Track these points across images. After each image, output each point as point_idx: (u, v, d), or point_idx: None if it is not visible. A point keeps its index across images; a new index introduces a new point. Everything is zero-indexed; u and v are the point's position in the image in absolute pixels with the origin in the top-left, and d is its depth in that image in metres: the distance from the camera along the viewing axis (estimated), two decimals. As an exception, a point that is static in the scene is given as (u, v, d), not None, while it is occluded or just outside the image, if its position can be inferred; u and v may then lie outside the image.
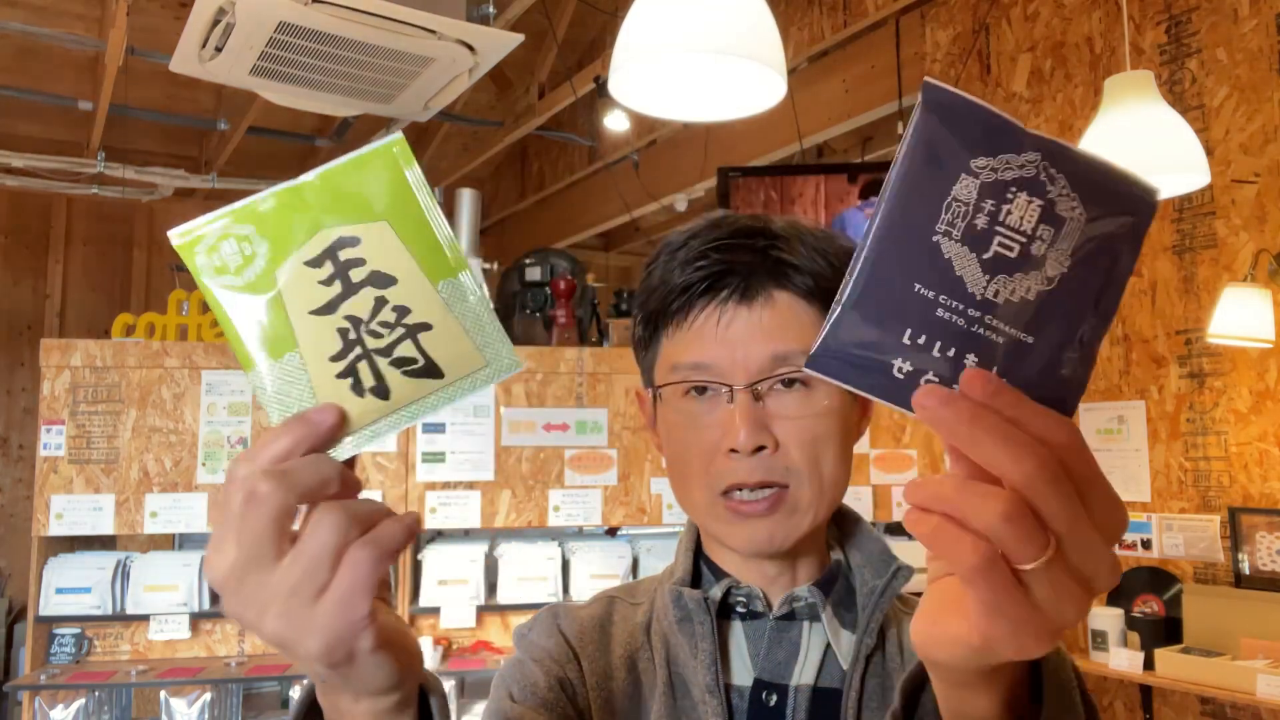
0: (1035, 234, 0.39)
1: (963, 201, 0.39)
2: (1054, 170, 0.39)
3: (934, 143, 0.39)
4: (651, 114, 1.62)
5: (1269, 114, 2.86)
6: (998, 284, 0.39)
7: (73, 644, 2.76)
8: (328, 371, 0.46)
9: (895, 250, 0.39)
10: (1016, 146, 0.39)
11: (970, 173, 0.39)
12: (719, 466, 0.74)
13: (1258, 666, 2.59)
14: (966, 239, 0.39)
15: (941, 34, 3.92)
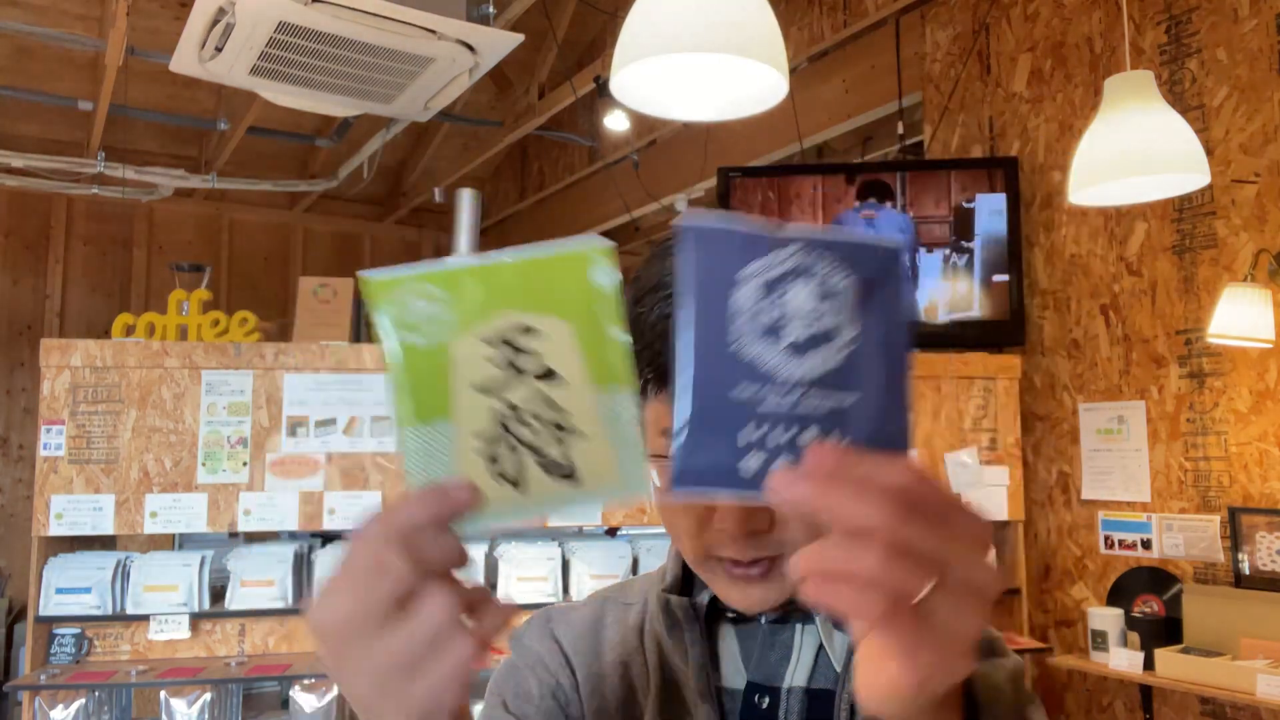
0: (820, 311, 0.44)
1: (746, 308, 0.44)
2: (816, 254, 0.45)
3: (703, 269, 0.44)
4: (651, 114, 1.62)
5: (1269, 114, 2.86)
6: (806, 363, 0.44)
7: (73, 644, 2.76)
8: (472, 448, 0.47)
9: (706, 369, 0.44)
10: (778, 244, 0.44)
11: (743, 282, 0.44)
12: (710, 538, 0.71)
13: (1258, 666, 2.59)
14: (764, 336, 0.44)
15: (941, 34, 3.92)
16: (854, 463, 0.42)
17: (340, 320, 3.12)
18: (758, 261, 0.44)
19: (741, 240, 0.44)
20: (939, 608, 0.41)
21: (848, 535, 0.41)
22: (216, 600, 2.89)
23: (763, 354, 0.44)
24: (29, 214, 6.09)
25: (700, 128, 5.00)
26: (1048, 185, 3.49)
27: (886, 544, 0.40)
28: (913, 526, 0.40)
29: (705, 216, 0.45)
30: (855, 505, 0.41)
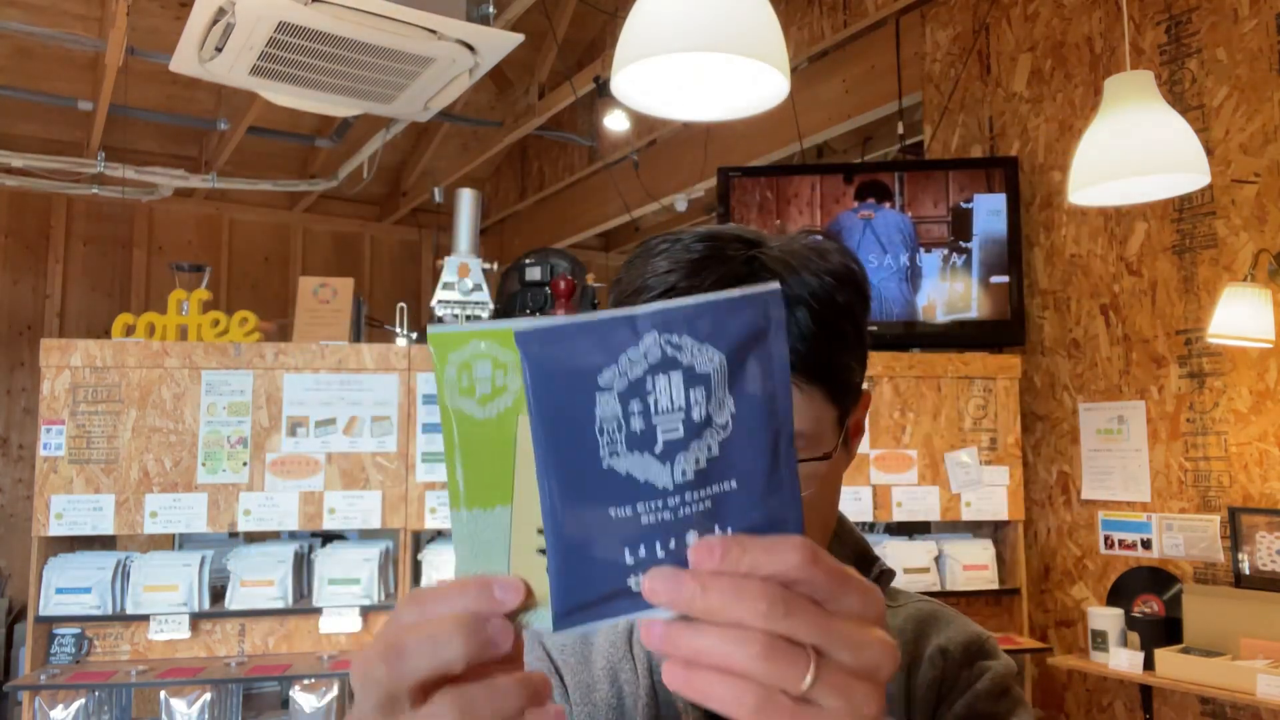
0: (690, 402, 0.40)
1: (610, 418, 0.40)
2: (675, 337, 0.40)
3: (554, 385, 0.39)
4: (651, 114, 1.62)
5: (1269, 114, 2.86)
6: (681, 464, 0.40)
7: (73, 644, 2.76)
8: (531, 542, 0.42)
9: (575, 492, 0.40)
10: (631, 338, 0.40)
11: (602, 389, 0.40)
12: None
13: (1258, 666, 2.59)
14: (632, 446, 0.40)
15: (941, 34, 3.92)
16: (740, 551, 0.39)
17: (340, 320, 3.12)
18: (619, 360, 0.40)
19: (598, 336, 0.40)
20: (826, 696, 0.39)
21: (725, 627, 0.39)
22: (216, 600, 2.89)
23: (635, 465, 0.40)
24: (29, 214, 6.09)
25: (700, 128, 5.00)
26: (1048, 185, 3.49)
27: (765, 637, 0.38)
28: (794, 619, 0.39)
29: (543, 323, 0.40)
30: (733, 602, 0.38)
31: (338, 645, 2.89)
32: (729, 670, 0.39)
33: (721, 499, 0.41)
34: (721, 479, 0.41)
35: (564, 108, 4.78)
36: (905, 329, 3.45)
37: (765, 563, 0.39)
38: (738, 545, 0.39)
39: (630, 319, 0.40)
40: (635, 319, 0.40)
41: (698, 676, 0.39)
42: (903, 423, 3.23)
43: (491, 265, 3.13)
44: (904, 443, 3.22)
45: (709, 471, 0.41)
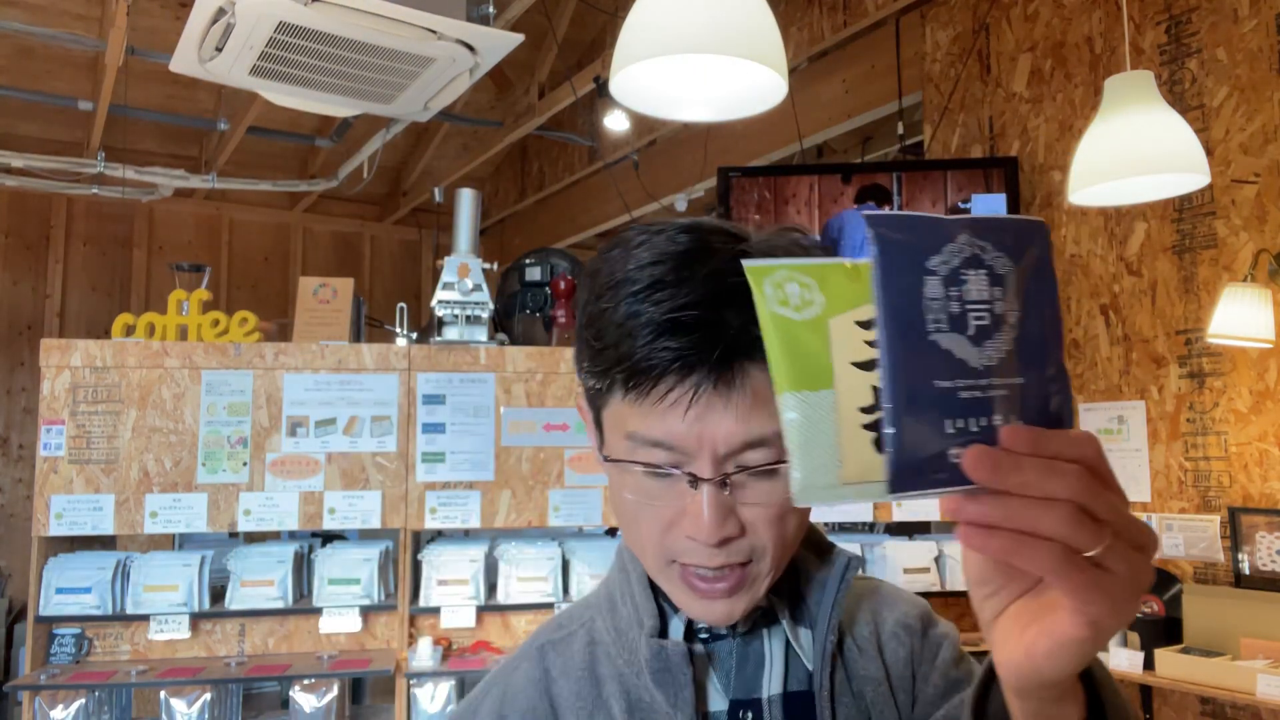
0: (993, 297, 0.47)
1: (935, 298, 0.46)
2: (980, 241, 0.47)
3: (896, 263, 0.46)
4: (651, 114, 1.62)
5: (1269, 114, 2.86)
6: (988, 350, 0.47)
7: (73, 644, 2.76)
8: (855, 419, 0.48)
9: (908, 363, 0.46)
10: (950, 235, 0.47)
11: (930, 272, 0.46)
12: (675, 544, 0.69)
13: (1258, 666, 2.59)
14: (952, 326, 0.46)
15: (941, 34, 3.92)
16: (1046, 440, 0.45)
17: (340, 320, 3.12)
18: (939, 253, 0.47)
19: (926, 230, 0.47)
20: (1113, 561, 0.45)
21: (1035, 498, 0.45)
22: (216, 600, 2.89)
23: (954, 343, 0.46)
24: (29, 214, 6.09)
25: (700, 128, 5.00)
26: (1048, 185, 3.49)
27: (1074, 506, 0.44)
28: (1097, 495, 0.45)
29: (887, 212, 0.47)
30: (1050, 479, 0.44)
31: (338, 645, 2.89)
32: (1035, 533, 0.44)
33: (1015, 390, 0.47)
34: (1013, 373, 0.47)
35: (564, 108, 4.78)
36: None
37: (1069, 450, 0.46)
38: (1045, 435, 0.46)
39: (945, 220, 0.47)
40: (949, 220, 0.47)
41: (1000, 537, 0.45)
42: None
43: (491, 265, 3.13)
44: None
45: (1006, 363, 0.47)
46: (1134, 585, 0.46)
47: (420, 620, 2.94)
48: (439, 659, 2.82)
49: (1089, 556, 0.45)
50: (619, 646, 0.77)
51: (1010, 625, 0.50)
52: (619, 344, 0.68)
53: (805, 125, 4.41)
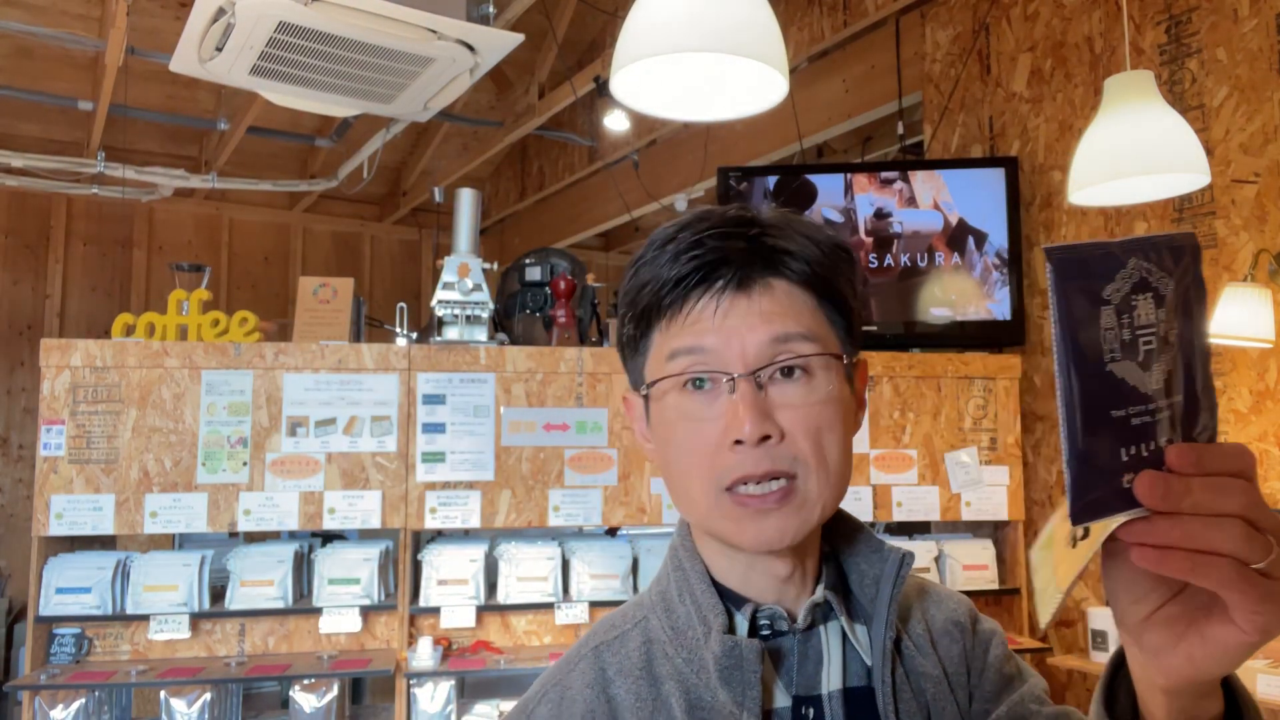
0: (1157, 319, 0.48)
1: (1110, 327, 0.47)
2: (1146, 264, 0.48)
3: (1075, 297, 0.47)
4: (651, 114, 1.62)
5: (1269, 114, 2.86)
6: (1155, 373, 0.48)
7: (73, 644, 2.76)
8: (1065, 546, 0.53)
9: (1088, 396, 0.47)
10: (1120, 262, 0.48)
11: (1104, 302, 0.47)
12: (723, 461, 0.71)
13: (1258, 666, 2.59)
14: (1125, 354, 0.48)
15: (941, 34, 3.92)
16: (1207, 459, 0.47)
17: (340, 320, 3.12)
18: (1111, 281, 0.47)
19: (1100, 258, 0.47)
20: (1276, 568, 0.47)
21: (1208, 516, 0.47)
22: (216, 600, 2.89)
23: (1128, 371, 0.48)
24: (29, 214, 6.09)
25: (700, 128, 5.00)
26: (1048, 185, 3.49)
27: (1244, 523, 0.47)
28: (1261, 508, 0.47)
29: (1067, 245, 0.48)
30: (1218, 498, 0.47)
31: (338, 645, 2.89)
32: (1213, 549, 0.47)
33: (1175, 409, 0.49)
34: (1174, 392, 0.49)
35: (564, 108, 4.78)
36: (905, 329, 3.45)
37: (1230, 464, 0.48)
38: (1207, 453, 0.48)
39: (1114, 244, 0.48)
40: (1118, 244, 0.48)
41: (1176, 557, 0.47)
42: (903, 423, 3.23)
43: (491, 265, 3.13)
44: (904, 443, 3.22)
45: (1169, 383, 0.48)
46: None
47: (420, 620, 2.94)
48: (439, 659, 2.82)
49: (1258, 568, 0.47)
50: (676, 646, 0.77)
51: (1165, 631, 0.53)
52: (653, 281, 0.75)
53: (805, 125, 4.41)
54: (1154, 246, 0.48)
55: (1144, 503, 0.47)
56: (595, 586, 3.00)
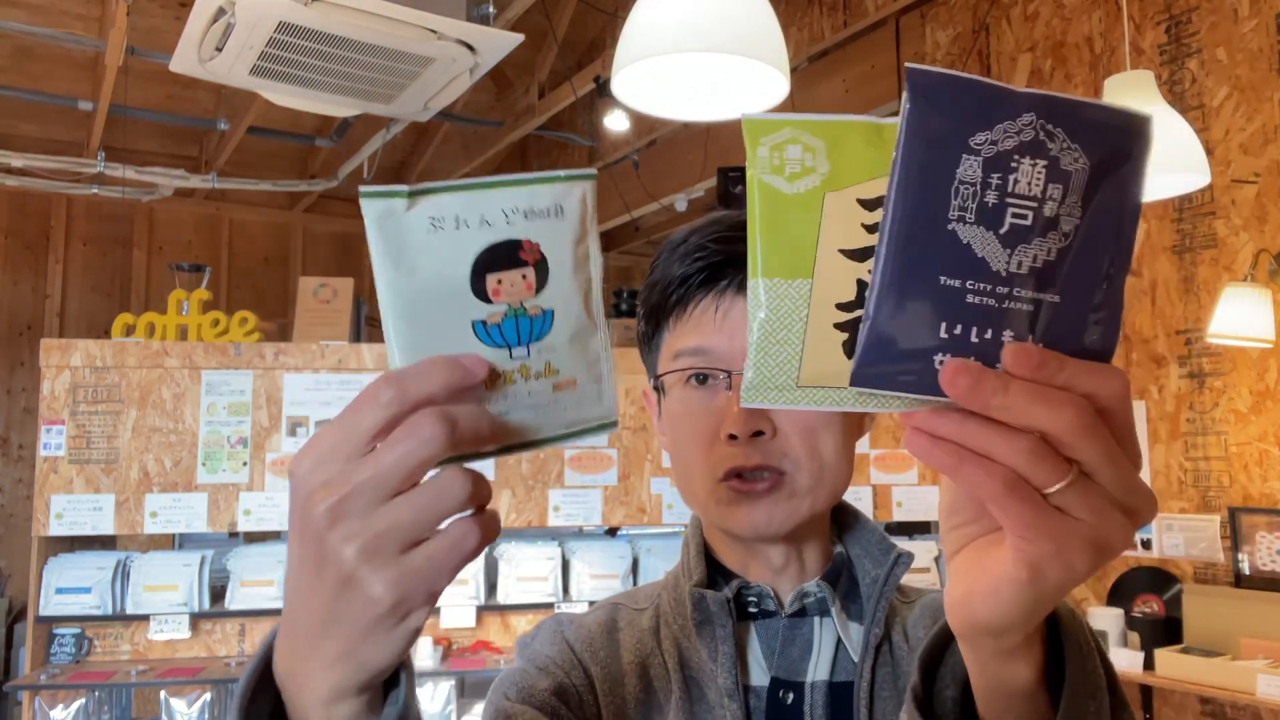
0: (1045, 195, 0.39)
1: (969, 182, 0.39)
2: (1051, 126, 0.39)
3: (929, 130, 0.38)
4: (651, 114, 1.62)
5: (1269, 114, 2.86)
6: (1019, 255, 0.39)
7: (73, 644, 2.76)
8: (828, 317, 0.43)
9: (913, 248, 0.39)
10: (1011, 112, 0.38)
11: (971, 151, 0.38)
12: (718, 453, 0.75)
13: (1258, 666, 2.59)
14: (981, 219, 0.39)
15: (941, 34, 3.92)
16: (1059, 367, 0.39)
17: (340, 320, 3.12)
18: (989, 130, 0.38)
19: (982, 97, 0.38)
20: (1075, 504, 0.40)
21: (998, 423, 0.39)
22: (216, 600, 2.89)
23: (978, 239, 0.39)
24: (29, 214, 6.09)
25: (700, 128, 5.00)
26: (1048, 185, 3.50)
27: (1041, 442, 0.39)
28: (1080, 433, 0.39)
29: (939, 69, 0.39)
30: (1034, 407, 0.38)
31: (338, 645, 2.89)
32: (988, 454, 0.39)
33: (1041, 307, 0.40)
34: (1048, 287, 0.40)
35: (564, 108, 4.78)
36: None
37: (1083, 381, 0.39)
38: (1056, 359, 0.39)
39: (1014, 91, 0.39)
40: (1020, 93, 0.39)
41: (944, 449, 0.40)
42: (903, 422, 3.23)
43: (491, 265, 3.13)
44: (904, 442, 3.22)
45: (1039, 274, 0.40)
46: (1095, 540, 0.40)
47: (420, 620, 2.94)
48: (439, 659, 2.82)
49: (1047, 495, 0.39)
50: (675, 614, 0.81)
51: (963, 560, 0.47)
52: (662, 280, 0.79)
53: (805, 125, 4.41)
54: (1072, 112, 0.39)
55: (945, 390, 0.39)
56: (595, 586, 3.00)
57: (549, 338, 0.47)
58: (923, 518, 3.23)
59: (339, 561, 0.43)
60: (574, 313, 0.48)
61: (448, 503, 0.43)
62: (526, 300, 0.47)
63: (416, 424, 0.42)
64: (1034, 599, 0.43)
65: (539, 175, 0.48)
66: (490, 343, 0.46)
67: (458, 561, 0.44)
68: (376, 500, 0.42)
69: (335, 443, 0.44)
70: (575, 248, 0.48)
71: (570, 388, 0.48)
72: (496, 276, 0.46)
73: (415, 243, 0.45)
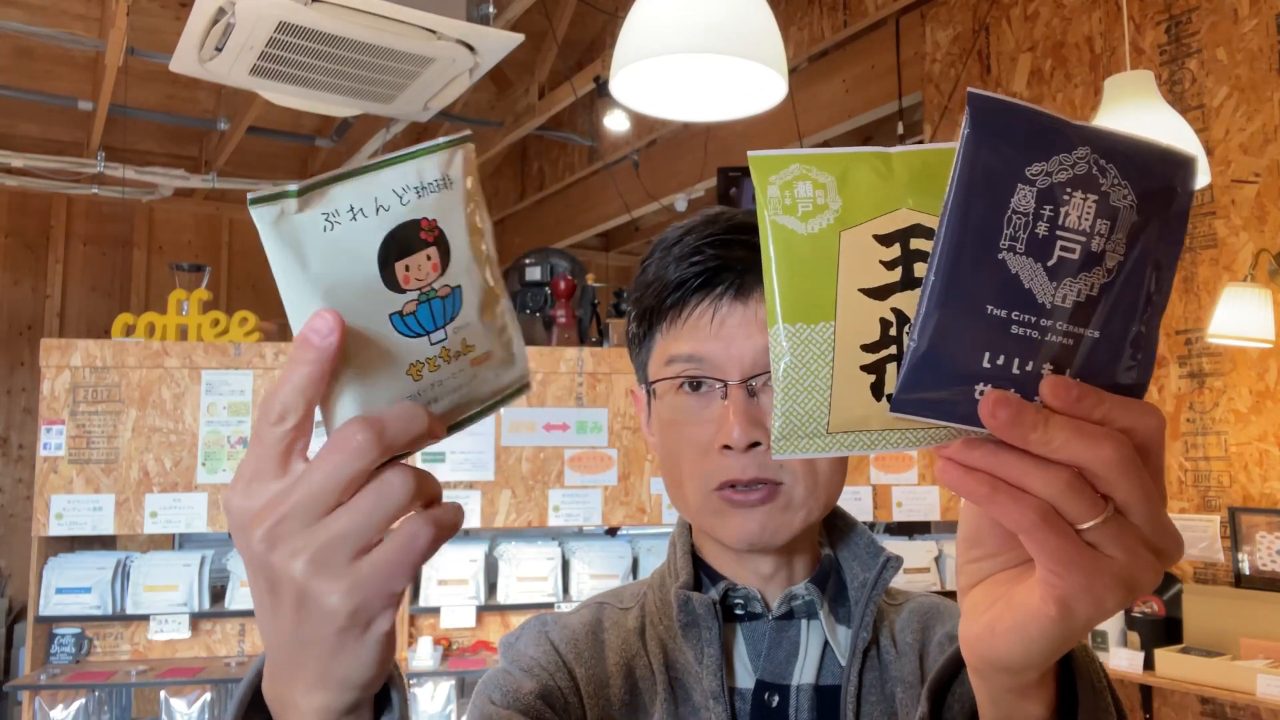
0: (1094, 230, 0.39)
1: (1022, 212, 0.39)
2: (1103, 161, 0.39)
3: (987, 157, 0.38)
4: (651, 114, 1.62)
5: (1269, 114, 2.86)
6: (1064, 288, 0.39)
7: (73, 644, 2.76)
8: (854, 360, 0.41)
9: (964, 275, 0.39)
10: (1067, 145, 0.39)
11: (1026, 181, 0.38)
12: (712, 463, 0.74)
13: (1258, 666, 2.59)
14: (1030, 250, 0.39)
15: (941, 34, 3.92)
16: (1097, 401, 0.39)
17: (340, 320, 3.11)
18: (1045, 161, 0.38)
19: (1039, 128, 0.38)
20: (1107, 542, 0.39)
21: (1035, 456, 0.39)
22: (216, 600, 2.89)
23: (1026, 269, 0.39)
24: (29, 214, 6.09)
25: (700, 128, 5.00)
26: (1048, 185, 3.49)
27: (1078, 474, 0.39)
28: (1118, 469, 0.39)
29: (998, 95, 0.39)
30: (1075, 442, 0.38)
31: (338, 645, 2.89)
32: (1023, 486, 0.39)
33: (1080, 342, 0.40)
34: (1088, 322, 0.40)
35: (564, 108, 4.78)
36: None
37: (1121, 418, 0.39)
38: (1095, 394, 0.39)
39: (1070, 124, 0.39)
40: (1075, 126, 0.39)
41: (977, 479, 0.40)
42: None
43: (491, 265, 3.13)
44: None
45: (1080, 309, 0.40)
46: (1126, 578, 0.40)
47: (420, 620, 2.94)
48: (439, 659, 2.82)
49: (1080, 530, 0.39)
50: (661, 615, 0.80)
51: (982, 594, 0.46)
52: (656, 282, 0.77)
53: (805, 125, 4.41)
54: (1125, 149, 0.39)
55: (984, 420, 0.38)
56: (595, 586, 3.00)
57: (461, 315, 0.46)
58: (923, 518, 3.23)
59: (289, 581, 0.42)
60: (478, 283, 0.46)
61: (390, 505, 0.42)
62: (435, 281, 0.45)
63: (344, 436, 0.41)
64: (1061, 636, 0.42)
65: (419, 147, 0.47)
66: (409, 333, 0.44)
67: (412, 561, 0.43)
68: (314, 517, 0.41)
69: (258, 468, 0.43)
70: (469, 217, 0.46)
71: (486, 360, 0.47)
72: (404, 263, 0.44)
73: (315, 245, 0.43)
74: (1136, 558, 0.40)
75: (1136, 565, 0.40)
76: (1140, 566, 0.40)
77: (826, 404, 0.41)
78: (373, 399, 0.44)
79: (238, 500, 0.43)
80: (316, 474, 0.41)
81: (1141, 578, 0.40)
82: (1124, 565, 0.40)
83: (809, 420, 0.42)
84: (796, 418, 0.42)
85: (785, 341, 0.42)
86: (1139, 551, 0.40)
